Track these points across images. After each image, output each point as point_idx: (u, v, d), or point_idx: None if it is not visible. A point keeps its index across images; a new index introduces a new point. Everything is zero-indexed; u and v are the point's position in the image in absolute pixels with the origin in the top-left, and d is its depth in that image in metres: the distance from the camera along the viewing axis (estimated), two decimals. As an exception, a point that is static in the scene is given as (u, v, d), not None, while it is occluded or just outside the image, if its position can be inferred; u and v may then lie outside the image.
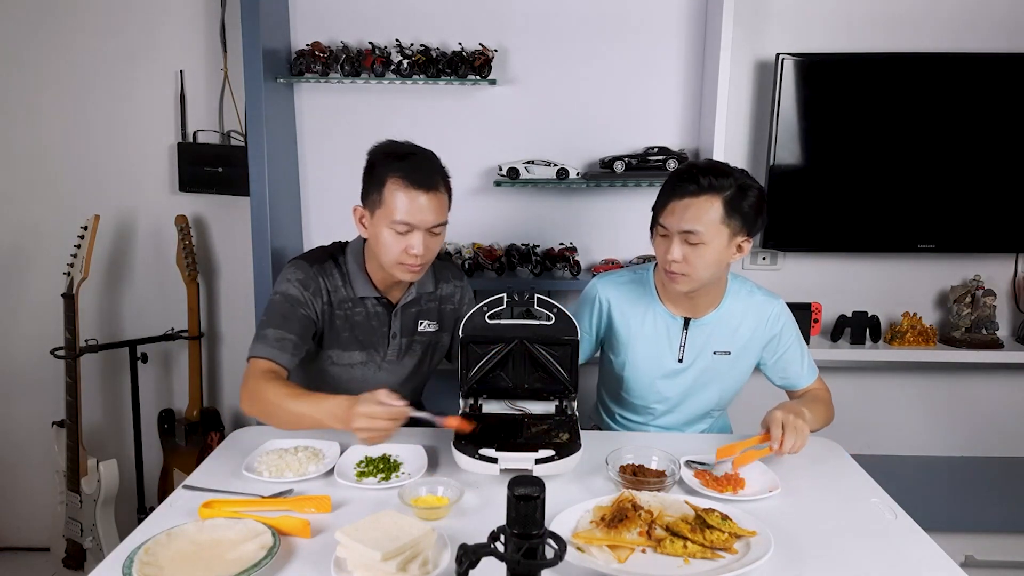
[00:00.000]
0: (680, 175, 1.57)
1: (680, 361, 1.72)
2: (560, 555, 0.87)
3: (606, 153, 2.48)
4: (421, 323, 1.76)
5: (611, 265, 2.47)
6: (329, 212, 2.59)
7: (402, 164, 1.56)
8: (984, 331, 2.53)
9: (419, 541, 1.10)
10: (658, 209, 1.60)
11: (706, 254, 1.54)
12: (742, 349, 1.72)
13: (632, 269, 1.82)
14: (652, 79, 2.50)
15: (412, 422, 1.87)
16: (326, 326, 1.68)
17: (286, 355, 1.58)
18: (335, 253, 1.72)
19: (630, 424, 1.83)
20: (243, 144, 2.42)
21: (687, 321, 1.70)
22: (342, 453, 1.49)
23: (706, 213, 1.52)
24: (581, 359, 1.73)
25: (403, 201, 1.54)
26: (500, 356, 1.54)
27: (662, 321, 1.71)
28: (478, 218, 2.57)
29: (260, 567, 1.07)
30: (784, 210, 2.47)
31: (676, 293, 1.66)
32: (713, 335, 1.71)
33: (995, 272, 2.62)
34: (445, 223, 1.61)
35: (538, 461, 1.36)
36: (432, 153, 1.64)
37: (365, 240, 1.68)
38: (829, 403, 1.73)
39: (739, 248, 1.59)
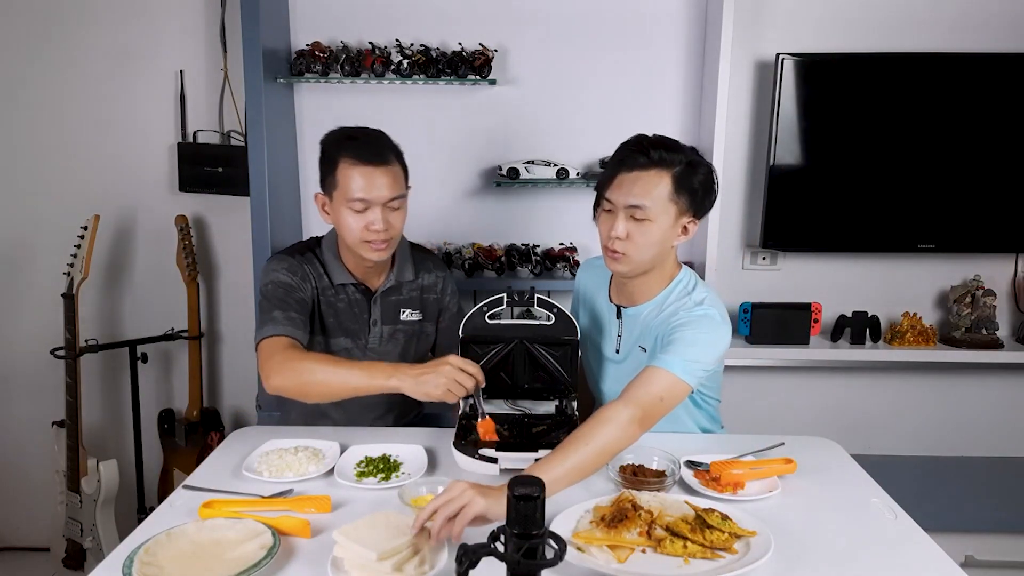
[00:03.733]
0: (629, 147, 1.52)
1: (617, 352, 1.66)
2: (560, 555, 0.87)
3: (606, 153, 2.47)
4: (403, 311, 1.77)
5: (611, 265, 2.47)
6: (329, 212, 2.59)
7: (352, 143, 1.59)
8: (984, 331, 2.53)
9: (416, 541, 1.10)
10: (604, 183, 1.53)
11: (651, 232, 1.48)
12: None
13: None
14: (652, 79, 2.50)
15: (413, 422, 1.89)
16: (314, 312, 1.70)
17: (300, 331, 1.59)
18: (311, 246, 1.75)
19: None
20: (243, 144, 2.42)
21: (619, 310, 1.65)
22: (342, 453, 1.49)
23: (654, 188, 1.47)
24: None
25: (356, 178, 1.56)
26: (500, 356, 1.54)
27: (602, 308, 1.70)
28: (478, 218, 2.57)
29: (260, 567, 1.07)
30: (784, 210, 2.47)
31: (619, 278, 1.61)
32: (640, 327, 1.60)
33: (995, 272, 2.62)
34: (402, 197, 1.63)
35: (538, 461, 1.36)
36: (382, 132, 1.66)
37: None
38: (609, 433, 1.32)
39: (684, 230, 1.53)
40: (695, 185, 1.49)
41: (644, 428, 1.37)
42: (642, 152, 1.49)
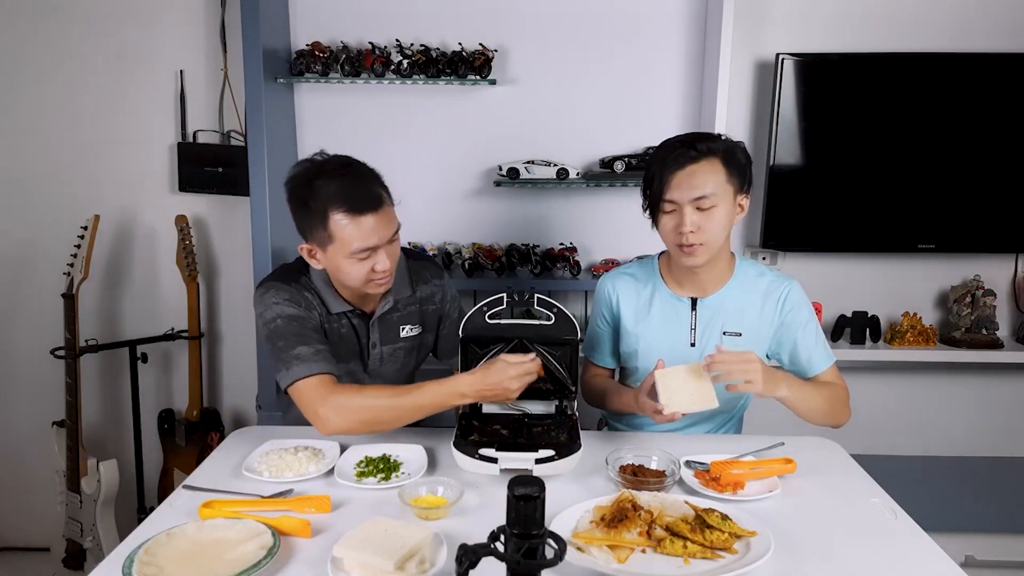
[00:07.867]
0: (671, 148, 1.57)
1: (693, 345, 1.67)
2: (560, 555, 0.87)
3: (606, 153, 2.48)
4: (403, 328, 1.71)
5: (611, 265, 2.47)
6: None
7: (337, 191, 1.46)
8: (984, 331, 2.53)
9: (421, 543, 1.10)
10: (659, 188, 1.57)
11: (717, 216, 1.55)
12: (754, 332, 1.67)
13: (638, 260, 1.81)
14: (652, 79, 2.50)
15: (413, 422, 1.89)
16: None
17: (331, 365, 1.51)
18: (297, 274, 1.63)
19: (638, 422, 1.80)
20: (243, 144, 2.42)
21: (694, 301, 1.68)
22: (342, 453, 1.49)
23: (712, 175, 1.54)
24: (607, 349, 1.82)
25: (355, 230, 1.46)
26: (500, 356, 1.53)
27: (669, 304, 1.70)
28: (478, 218, 2.57)
29: (260, 567, 1.07)
30: (784, 210, 2.48)
31: (683, 272, 1.66)
32: (722, 315, 1.67)
33: (995, 272, 2.62)
34: (399, 226, 1.55)
35: (538, 461, 1.36)
36: (353, 160, 1.54)
37: None
38: (839, 397, 1.64)
39: (740, 207, 1.61)
40: (742, 160, 1.59)
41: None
42: (689, 147, 1.56)
